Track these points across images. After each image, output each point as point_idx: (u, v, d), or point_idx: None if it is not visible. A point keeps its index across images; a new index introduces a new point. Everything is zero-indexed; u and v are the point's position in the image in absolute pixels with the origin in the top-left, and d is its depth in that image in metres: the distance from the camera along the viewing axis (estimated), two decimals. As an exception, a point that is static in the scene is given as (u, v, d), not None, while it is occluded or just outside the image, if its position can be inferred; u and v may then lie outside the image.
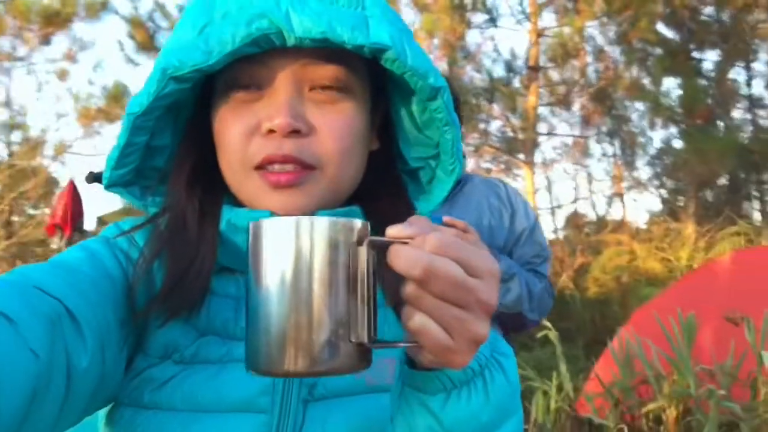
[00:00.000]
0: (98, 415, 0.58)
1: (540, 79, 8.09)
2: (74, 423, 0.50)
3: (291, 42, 0.52)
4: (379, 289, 0.48)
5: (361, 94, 0.59)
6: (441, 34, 7.71)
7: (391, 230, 0.41)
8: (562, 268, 6.99)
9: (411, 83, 0.55)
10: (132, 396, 0.55)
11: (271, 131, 0.54)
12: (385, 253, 0.40)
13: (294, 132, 0.54)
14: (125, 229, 0.61)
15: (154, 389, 0.54)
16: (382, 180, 0.64)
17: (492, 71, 8.26)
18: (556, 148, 12.50)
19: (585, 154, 10.22)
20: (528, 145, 8.06)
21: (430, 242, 0.39)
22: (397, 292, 0.41)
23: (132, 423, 0.54)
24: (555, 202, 10.62)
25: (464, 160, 0.64)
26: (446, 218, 1.22)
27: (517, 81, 8.41)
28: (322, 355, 0.40)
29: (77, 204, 5.95)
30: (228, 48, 0.51)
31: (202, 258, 0.56)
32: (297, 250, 0.40)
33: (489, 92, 8.12)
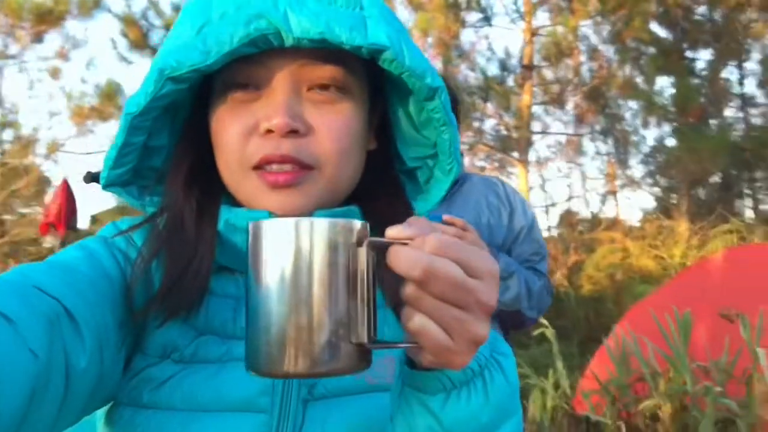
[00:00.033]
0: (96, 415, 0.58)
1: (534, 77, 8.12)
2: (73, 423, 0.49)
3: (289, 42, 0.52)
4: (379, 290, 0.48)
5: (359, 95, 0.59)
6: (435, 32, 7.71)
7: (391, 231, 0.41)
8: (557, 266, 7.02)
9: (409, 83, 0.55)
10: (131, 396, 0.55)
11: (269, 131, 0.54)
12: (384, 253, 0.40)
13: (292, 132, 0.54)
14: (123, 229, 0.60)
15: (153, 389, 0.54)
16: (380, 180, 0.64)
17: (486, 70, 8.30)
18: (550, 146, 12.57)
19: (579, 152, 10.26)
20: (522, 143, 8.09)
21: (429, 243, 0.39)
22: (397, 293, 0.41)
23: (131, 423, 0.54)
24: (549, 200, 10.66)
25: (462, 159, 0.64)
26: (446, 216, 1.22)
27: (511, 80, 8.45)
28: (322, 356, 0.40)
29: (71, 202, 5.94)
30: (226, 48, 0.51)
31: (200, 258, 0.56)
32: (297, 251, 0.40)
33: (483, 91, 8.14)
